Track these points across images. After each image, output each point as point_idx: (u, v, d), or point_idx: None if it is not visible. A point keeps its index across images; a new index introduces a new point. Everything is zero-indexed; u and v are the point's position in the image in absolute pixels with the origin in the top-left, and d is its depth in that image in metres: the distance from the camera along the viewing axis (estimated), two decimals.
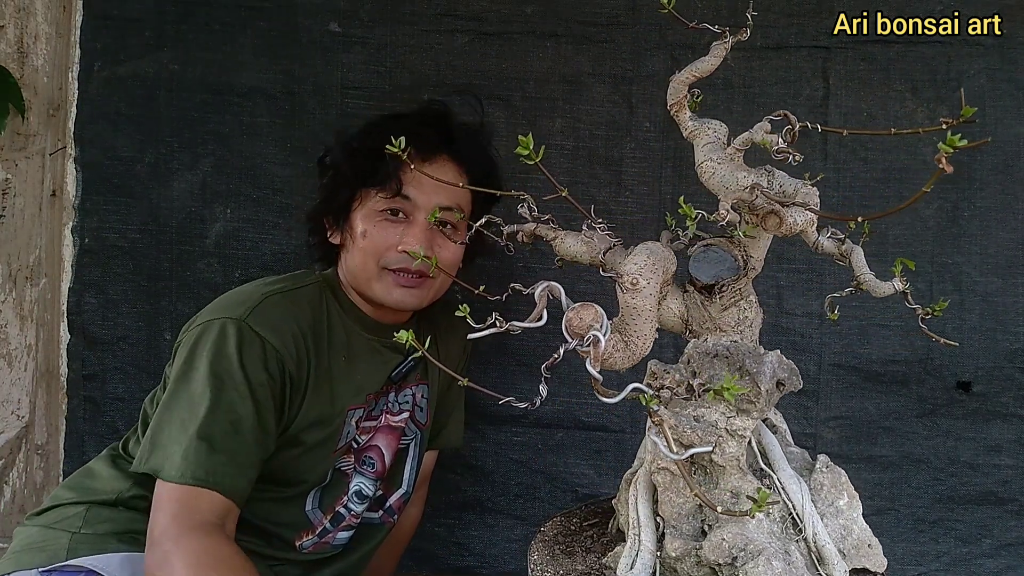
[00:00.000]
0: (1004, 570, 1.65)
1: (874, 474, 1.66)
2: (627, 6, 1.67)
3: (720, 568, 0.80)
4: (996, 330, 1.63)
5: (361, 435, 1.29)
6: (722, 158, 0.85)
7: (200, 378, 1.09)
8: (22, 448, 1.84)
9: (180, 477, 1.04)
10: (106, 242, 1.73)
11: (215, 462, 1.05)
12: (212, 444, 1.06)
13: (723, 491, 0.85)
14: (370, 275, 1.24)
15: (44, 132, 1.80)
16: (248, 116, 1.71)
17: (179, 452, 1.05)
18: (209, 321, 1.14)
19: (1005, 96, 1.62)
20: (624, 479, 0.95)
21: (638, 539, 0.83)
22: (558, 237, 0.93)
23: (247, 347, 1.11)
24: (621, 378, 1.81)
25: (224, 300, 1.20)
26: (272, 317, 1.15)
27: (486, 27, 1.69)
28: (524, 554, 1.74)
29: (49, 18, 1.79)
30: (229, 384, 1.09)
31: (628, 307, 0.83)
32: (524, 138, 0.80)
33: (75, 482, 1.24)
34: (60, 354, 1.80)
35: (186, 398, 1.09)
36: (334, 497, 1.28)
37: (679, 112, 0.87)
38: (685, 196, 1.79)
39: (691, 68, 0.87)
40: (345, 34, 1.70)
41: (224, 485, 1.06)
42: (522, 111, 1.69)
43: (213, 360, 1.10)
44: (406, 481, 1.40)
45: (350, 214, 1.27)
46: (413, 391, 1.38)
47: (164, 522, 1.02)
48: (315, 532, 1.26)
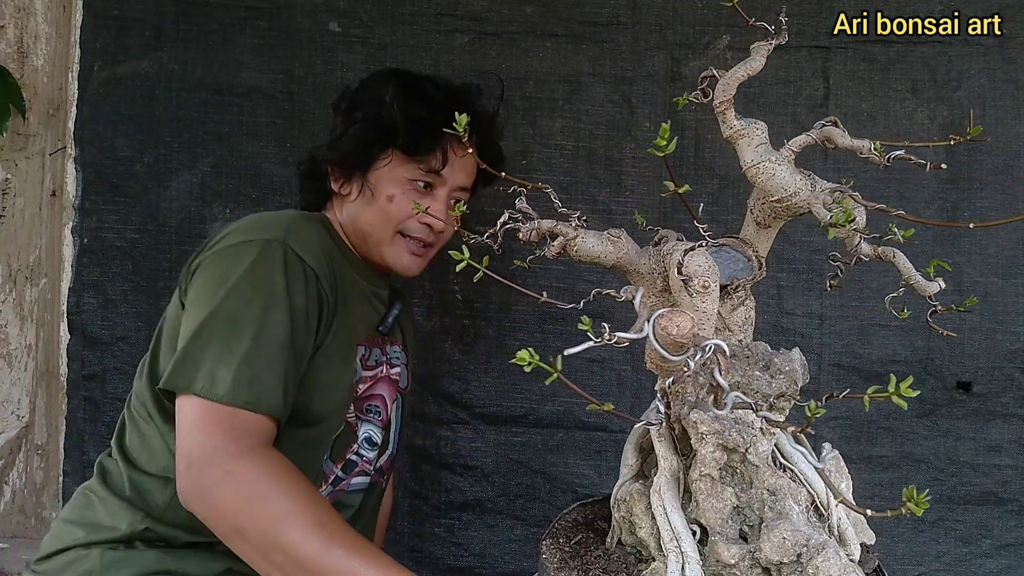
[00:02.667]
0: (1004, 570, 1.65)
1: (874, 474, 1.66)
2: (627, 6, 1.67)
3: (780, 567, 0.80)
4: (996, 330, 1.63)
5: (361, 384, 1.26)
6: (779, 159, 0.84)
7: (242, 297, 1.04)
8: (22, 448, 1.84)
9: (233, 398, 0.98)
10: (105, 242, 1.73)
11: (267, 385, 1.01)
12: (262, 366, 1.02)
13: (759, 490, 0.85)
14: (383, 237, 1.24)
15: (44, 132, 1.80)
16: (248, 116, 1.71)
17: (227, 372, 0.99)
18: (244, 242, 1.09)
19: (1005, 96, 1.62)
20: (632, 492, 0.90)
21: (680, 551, 0.81)
22: (578, 236, 0.86)
23: (291, 270, 1.07)
24: (622, 380, 1.81)
25: (250, 223, 1.15)
26: (307, 238, 1.12)
27: (486, 27, 1.69)
28: (524, 554, 1.74)
29: (49, 18, 1.79)
30: (274, 305, 1.04)
31: (697, 312, 0.81)
32: (665, 125, 0.72)
33: (77, 515, 1.15)
34: (60, 354, 1.80)
35: (227, 317, 1.03)
36: (343, 446, 1.25)
37: (726, 111, 0.85)
38: (686, 195, 1.79)
39: (744, 66, 0.84)
40: (345, 34, 1.70)
41: (276, 409, 1.02)
42: (522, 111, 1.69)
43: (256, 279, 1.05)
44: (391, 442, 1.37)
45: (371, 172, 1.24)
46: (399, 348, 1.36)
47: (220, 440, 0.97)
48: (328, 481, 1.23)
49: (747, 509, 0.84)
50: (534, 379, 1.72)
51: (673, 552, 0.81)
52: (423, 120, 1.20)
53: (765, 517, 0.83)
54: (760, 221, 0.92)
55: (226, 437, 0.97)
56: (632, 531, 0.90)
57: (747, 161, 0.84)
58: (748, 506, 0.84)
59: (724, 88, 0.84)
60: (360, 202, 1.25)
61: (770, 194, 0.85)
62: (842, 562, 0.78)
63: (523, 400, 1.72)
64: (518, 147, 1.69)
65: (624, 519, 0.91)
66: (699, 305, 0.80)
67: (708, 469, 0.83)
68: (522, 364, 0.59)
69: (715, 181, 1.66)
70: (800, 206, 0.85)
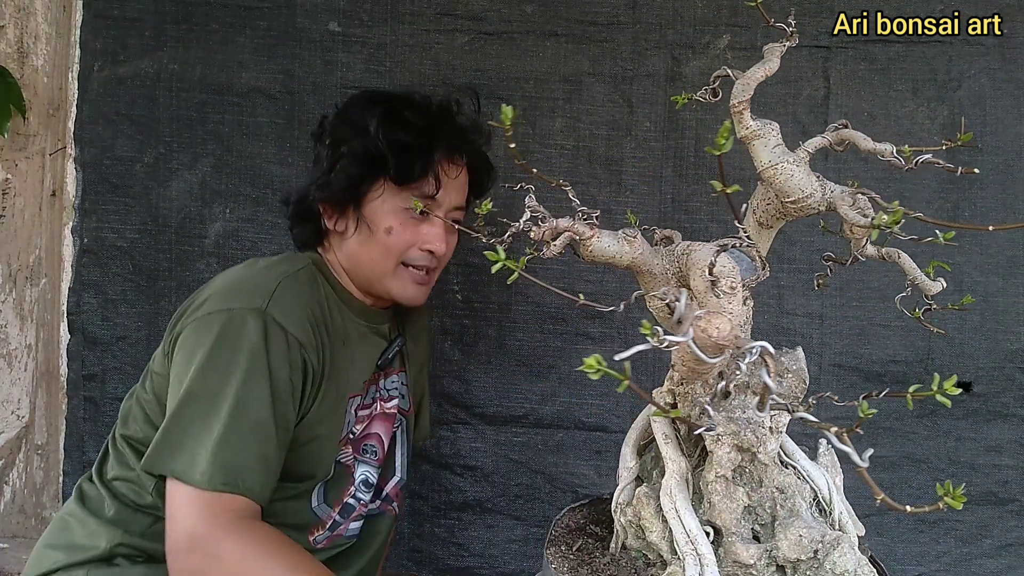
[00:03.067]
0: (1004, 570, 1.65)
1: (874, 474, 1.64)
2: (627, 5, 1.67)
3: (796, 565, 0.81)
4: (996, 330, 1.63)
5: (357, 425, 1.27)
6: (796, 160, 0.84)
7: (222, 374, 1.03)
8: (22, 448, 1.84)
9: (209, 483, 0.99)
10: (105, 242, 1.73)
11: (244, 467, 1.01)
12: (240, 447, 1.01)
13: (769, 488, 0.85)
14: (387, 271, 1.22)
15: (44, 132, 1.80)
16: (247, 116, 1.71)
17: (205, 455, 1.00)
18: (226, 311, 1.07)
19: (1005, 96, 1.62)
20: (639, 496, 0.89)
21: (697, 554, 0.80)
22: (594, 235, 0.83)
23: (272, 341, 1.05)
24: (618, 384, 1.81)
25: (233, 287, 1.13)
26: (291, 305, 1.10)
27: (486, 27, 1.69)
28: (524, 554, 1.74)
29: (49, 18, 1.79)
30: (253, 382, 1.03)
31: (724, 313, 0.81)
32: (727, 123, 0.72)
33: (55, 538, 1.16)
34: (60, 354, 1.80)
35: (206, 396, 1.03)
36: (340, 489, 1.25)
37: (743, 112, 0.84)
38: (686, 195, 1.79)
39: (762, 67, 0.84)
40: (344, 34, 1.70)
41: (254, 491, 1.02)
42: (522, 111, 1.69)
43: (236, 355, 1.04)
44: (399, 468, 1.38)
45: (364, 205, 1.21)
46: (397, 377, 1.36)
47: (199, 526, 0.98)
48: (325, 527, 1.23)
49: (759, 508, 0.85)
50: (534, 379, 1.73)
51: (690, 555, 0.80)
52: (410, 147, 1.18)
53: (778, 515, 0.84)
54: (763, 221, 0.92)
55: (207, 521, 0.98)
56: (640, 535, 0.89)
57: (764, 162, 0.84)
58: (760, 505, 0.85)
59: (743, 88, 0.84)
60: (358, 237, 1.22)
61: (787, 195, 0.85)
62: (856, 556, 0.79)
63: (523, 400, 1.72)
64: (518, 147, 1.68)
65: (631, 523, 0.90)
66: (725, 306, 0.79)
67: (724, 470, 0.83)
68: (589, 372, 0.57)
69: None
70: (813, 207, 0.85)
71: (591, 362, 0.57)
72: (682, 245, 0.86)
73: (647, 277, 0.89)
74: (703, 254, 0.80)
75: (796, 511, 0.83)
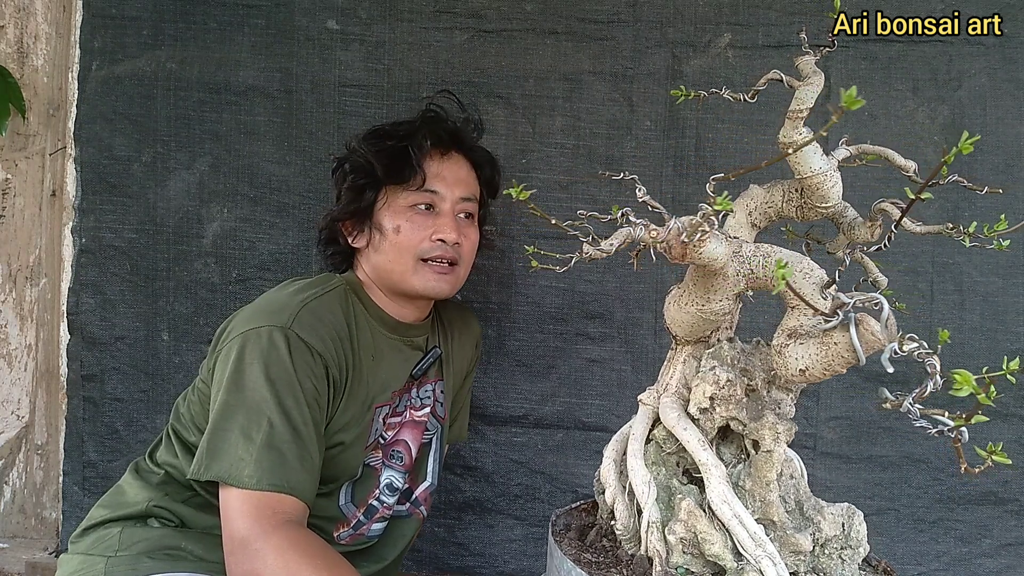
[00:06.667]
0: (1004, 570, 1.65)
1: (874, 474, 1.66)
2: (628, 3, 1.66)
3: (828, 542, 0.88)
4: (996, 330, 1.63)
5: (387, 431, 1.33)
6: (835, 169, 0.89)
7: (255, 386, 1.11)
8: (22, 448, 1.84)
9: (257, 483, 1.06)
10: (103, 242, 1.73)
11: (288, 468, 1.08)
12: (281, 451, 1.08)
13: (784, 476, 0.88)
14: (406, 269, 1.28)
15: (44, 132, 1.80)
16: (246, 115, 1.71)
17: (249, 459, 1.07)
18: (253, 329, 1.15)
19: (1005, 96, 1.61)
20: (689, 510, 0.86)
21: (767, 554, 0.81)
22: (710, 234, 0.80)
23: (296, 354, 1.13)
24: (622, 380, 1.81)
25: (261, 308, 1.21)
26: (313, 323, 1.18)
27: (485, 24, 1.69)
28: (524, 554, 1.75)
29: (49, 18, 1.79)
30: (285, 391, 1.11)
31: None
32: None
33: (108, 499, 1.28)
34: (60, 354, 1.80)
35: (243, 406, 1.11)
36: (366, 491, 1.32)
37: (798, 119, 0.87)
38: (686, 195, 1.79)
39: (818, 80, 0.90)
40: (343, 32, 1.70)
41: (299, 490, 1.09)
42: (522, 109, 1.68)
43: (266, 367, 1.12)
44: (431, 473, 1.44)
45: (375, 215, 1.31)
46: (432, 387, 1.42)
47: (246, 525, 1.04)
48: (350, 525, 1.30)
49: (786, 497, 0.89)
50: (534, 379, 1.73)
51: (764, 558, 0.81)
52: (393, 149, 1.28)
53: (804, 501, 0.89)
54: (756, 223, 0.94)
55: (255, 520, 1.05)
56: (694, 550, 0.86)
57: (814, 168, 0.87)
58: (785, 495, 0.89)
59: (807, 96, 0.87)
60: (376, 245, 1.31)
61: (826, 200, 0.89)
62: (865, 526, 0.89)
63: (523, 400, 1.72)
64: (518, 145, 1.69)
65: (683, 540, 0.86)
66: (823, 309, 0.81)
67: (779, 466, 0.87)
68: (959, 390, 0.60)
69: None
70: (838, 212, 0.92)
71: (966, 378, 0.60)
72: (750, 247, 0.85)
73: (719, 279, 0.86)
74: (804, 264, 0.82)
75: (811, 494, 0.89)
